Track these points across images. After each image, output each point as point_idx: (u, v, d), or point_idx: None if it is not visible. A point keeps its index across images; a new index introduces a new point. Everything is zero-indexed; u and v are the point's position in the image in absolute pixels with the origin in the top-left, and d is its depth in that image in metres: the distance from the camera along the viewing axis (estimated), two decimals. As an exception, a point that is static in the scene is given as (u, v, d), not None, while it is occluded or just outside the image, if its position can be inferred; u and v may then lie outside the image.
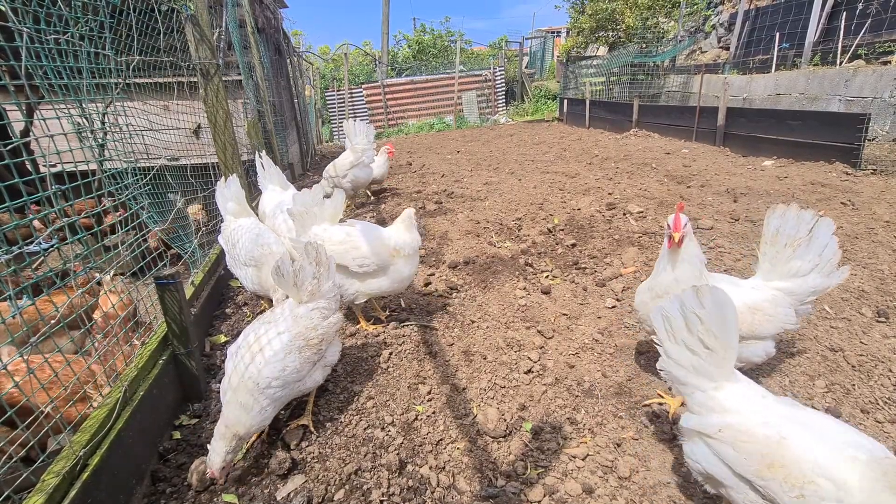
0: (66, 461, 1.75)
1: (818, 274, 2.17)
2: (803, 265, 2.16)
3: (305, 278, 2.38)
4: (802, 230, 2.14)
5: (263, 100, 6.82)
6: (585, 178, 7.18)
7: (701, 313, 1.64)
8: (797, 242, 2.14)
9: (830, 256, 2.13)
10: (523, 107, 20.63)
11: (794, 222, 2.15)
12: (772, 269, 2.24)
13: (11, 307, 1.75)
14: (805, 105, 9.48)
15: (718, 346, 1.63)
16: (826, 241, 2.13)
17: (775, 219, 2.21)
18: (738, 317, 1.66)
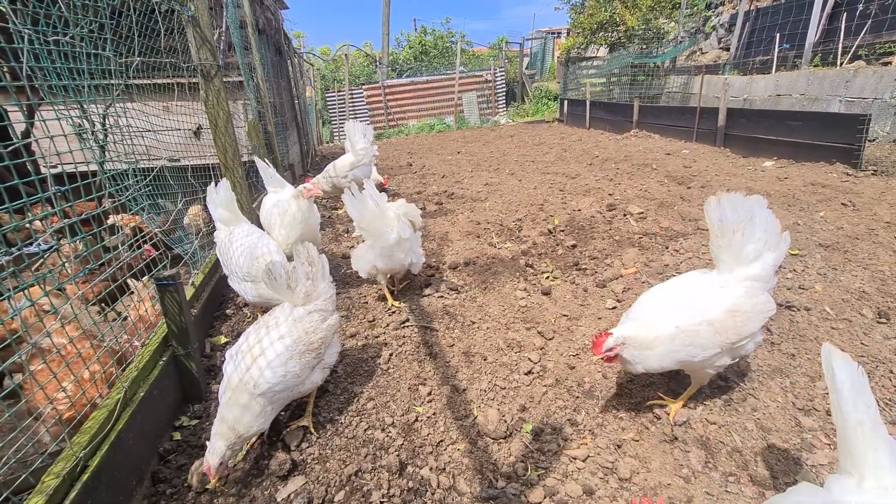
0: (66, 462, 1.75)
1: (771, 250, 2.15)
2: (757, 246, 2.12)
3: (299, 280, 2.37)
4: (742, 212, 2.10)
5: (264, 101, 6.83)
6: (586, 178, 7.18)
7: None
8: (743, 226, 2.10)
9: (773, 228, 2.12)
10: (524, 107, 20.64)
11: (731, 208, 2.12)
12: (733, 259, 2.18)
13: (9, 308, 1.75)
14: (805, 106, 9.48)
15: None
16: (765, 216, 2.11)
17: (714, 210, 2.16)
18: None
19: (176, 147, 4.23)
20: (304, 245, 2.43)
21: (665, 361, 2.17)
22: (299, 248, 2.43)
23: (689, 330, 2.10)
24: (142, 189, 3.00)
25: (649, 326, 2.16)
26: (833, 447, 2.20)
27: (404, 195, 7.33)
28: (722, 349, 2.12)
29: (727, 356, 2.18)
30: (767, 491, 2.01)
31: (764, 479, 2.06)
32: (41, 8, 2.16)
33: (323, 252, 2.66)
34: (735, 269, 2.16)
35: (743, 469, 2.12)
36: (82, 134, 2.44)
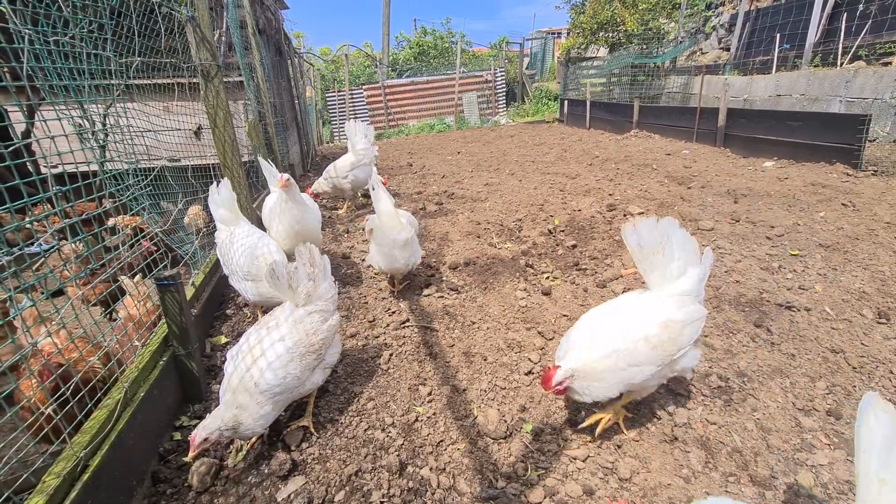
0: (66, 462, 1.75)
1: (693, 265, 2.20)
2: (679, 263, 2.18)
3: (300, 280, 2.38)
4: (658, 235, 2.14)
5: (264, 101, 6.83)
6: (586, 179, 7.18)
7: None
8: (662, 247, 2.15)
9: (691, 245, 2.18)
10: (524, 108, 20.64)
11: (647, 231, 2.15)
12: (660, 278, 2.21)
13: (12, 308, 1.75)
14: (806, 106, 9.48)
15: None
16: (680, 235, 2.16)
17: (632, 236, 2.18)
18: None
19: (176, 147, 4.23)
20: (307, 246, 2.44)
21: (612, 389, 2.15)
22: (301, 248, 2.43)
23: (627, 349, 2.10)
24: (142, 189, 3.00)
25: (592, 353, 2.15)
26: (833, 447, 2.20)
27: (405, 195, 7.34)
28: (661, 364, 2.12)
29: (667, 370, 2.19)
30: (767, 491, 2.01)
31: (764, 479, 2.06)
32: (41, 8, 2.16)
33: (324, 252, 2.66)
34: (665, 286, 2.21)
35: (743, 469, 2.13)
36: (83, 134, 2.44)
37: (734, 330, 3.10)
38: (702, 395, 2.56)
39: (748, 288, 3.55)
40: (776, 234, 4.41)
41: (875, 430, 1.21)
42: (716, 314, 3.28)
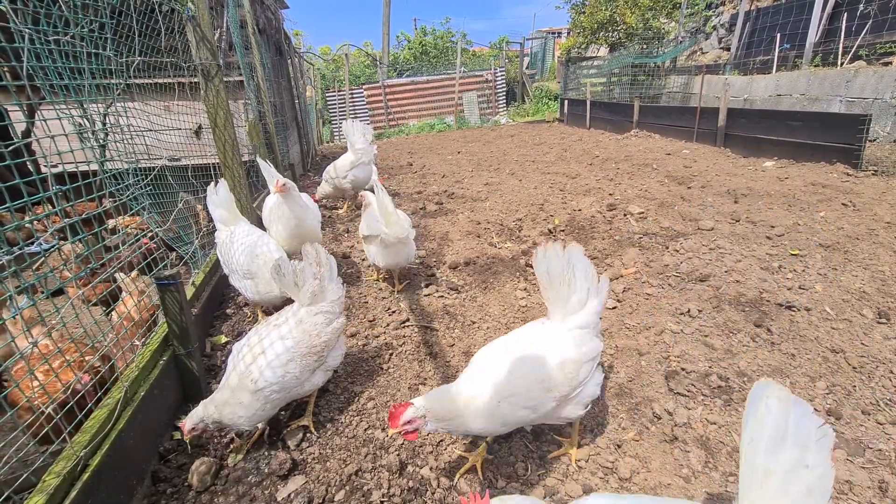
0: (66, 461, 1.75)
1: (594, 296, 2.15)
2: (581, 295, 2.11)
3: (306, 278, 2.38)
4: (564, 263, 2.08)
5: (264, 100, 6.83)
6: (586, 178, 7.18)
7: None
8: (567, 277, 2.08)
9: (593, 275, 2.13)
10: (524, 107, 20.63)
11: (556, 260, 2.08)
12: (562, 310, 2.13)
13: (12, 308, 1.75)
14: (806, 106, 9.48)
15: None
16: (584, 265, 2.11)
17: (541, 263, 2.12)
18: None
19: (177, 146, 4.23)
20: (314, 245, 2.44)
21: (491, 425, 1.96)
22: (308, 247, 2.43)
23: (520, 393, 1.93)
24: (142, 189, 3.00)
25: (470, 392, 1.96)
26: (833, 447, 2.19)
27: (405, 195, 7.33)
28: (557, 402, 2.00)
29: (568, 405, 2.07)
30: (767, 491, 2.01)
31: (764, 479, 2.06)
32: (42, 7, 2.16)
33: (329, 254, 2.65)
34: (566, 318, 2.13)
35: (743, 469, 2.12)
36: (83, 133, 2.44)
37: (734, 330, 3.10)
38: (702, 395, 2.56)
39: (748, 288, 3.55)
40: (776, 234, 4.41)
41: (765, 420, 1.17)
42: (716, 314, 3.28)
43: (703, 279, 3.73)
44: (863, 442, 2.21)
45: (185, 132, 4.41)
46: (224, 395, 2.14)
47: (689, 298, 3.50)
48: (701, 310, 3.33)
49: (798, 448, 1.12)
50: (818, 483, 1.09)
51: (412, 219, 5.97)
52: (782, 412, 1.15)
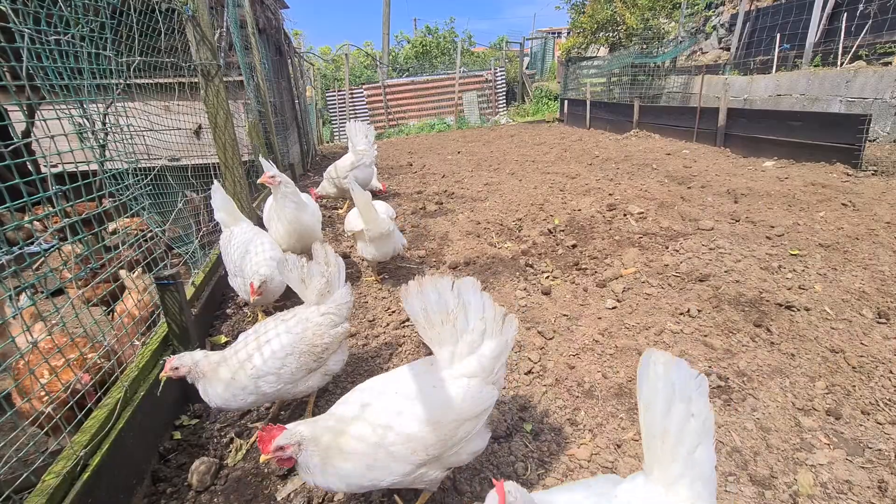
0: (66, 461, 1.75)
1: (491, 337, 1.79)
2: (474, 337, 1.76)
3: (313, 276, 2.38)
4: (450, 300, 1.75)
5: (264, 100, 6.83)
6: (586, 178, 7.18)
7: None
8: (452, 315, 1.75)
9: (492, 313, 1.79)
10: (524, 107, 20.63)
11: (435, 296, 1.75)
12: (448, 354, 1.79)
13: (11, 308, 1.75)
14: (806, 106, 9.48)
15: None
16: (480, 301, 1.78)
17: (415, 300, 1.77)
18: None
19: (177, 146, 4.23)
20: (323, 246, 2.45)
21: (353, 481, 1.67)
22: (317, 246, 2.44)
23: (381, 453, 1.64)
24: (142, 189, 3.00)
25: (344, 433, 1.68)
26: (832, 447, 2.20)
27: (405, 195, 7.34)
28: (426, 464, 1.69)
29: (436, 468, 1.74)
30: (767, 490, 2.01)
31: (763, 478, 2.06)
32: (42, 7, 2.16)
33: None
34: (453, 363, 1.78)
35: (742, 469, 2.13)
36: (83, 133, 2.44)
37: (734, 329, 3.10)
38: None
39: (748, 288, 3.55)
40: (776, 234, 4.41)
41: (656, 387, 1.27)
42: (715, 314, 3.28)
43: (703, 279, 3.73)
44: (862, 442, 2.21)
45: (185, 132, 4.41)
46: (224, 373, 2.15)
47: (688, 298, 3.51)
48: (701, 310, 3.33)
49: (684, 402, 1.24)
50: (703, 427, 1.22)
51: (412, 219, 5.98)
52: (667, 374, 1.27)
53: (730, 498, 1.99)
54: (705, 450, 1.22)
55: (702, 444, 1.22)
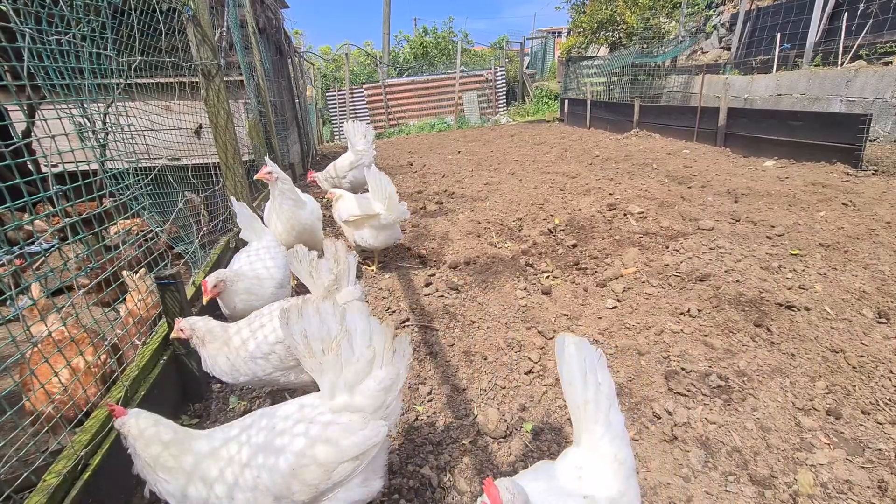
0: (67, 461, 1.75)
1: (380, 367, 1.62)
2: (359, 366, 1.59)
3: (321, 271, 2.39)
4: (333, 325, 1.58)
5: (264, 100, 6.83)
6: (586, 178, 7.18)
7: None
8: (335, 343, 1.57)
9: (382, 340, 1.62)
10: (524, 107, 20.63)
11: (317, 321, 1.57)
12: (329, 385, 1.61)
13: (12, 307, 1.75)
14: (806, 106, 9.48)
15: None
16: (367, 326, 1.61)
17: (294, 325, 1.58)
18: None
19: (177, 146, 4.23)
20: (335, 243, 2.45)
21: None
22: (328, 243, 2.45)
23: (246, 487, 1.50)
24: (142, 188, 3.00)
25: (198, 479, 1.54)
26: (833, 447, 2.20)
27: (405, 195, 7.33)
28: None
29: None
30: (767, 490, 2.01)
31: (763, 478, 2.06)
32: (43, 7, 2.16)
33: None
34: (335, 396, 1.60)
35: (742, 468, 2.13)
36: (83, 133, 2.44)
37: (734, 329, 3.10)
38: (702, 395, 2.57)
39: (748, 287, 3.55)
40: (776, 234, 4.41)
41: (572, 365, 1.45)
42: (716, 314, 3.28)
43: (703, 279, 3.73)
44: (862, 441, 2.21)
45: (185, 132, 4.41)
46: (235, 342, 2.26)
47: (689, 298, 3.51)
48: (701, 309, 3.33)
49: (593, 374, 1.44)
50: (610, 392, 1.45)
51: (412, 219, 5.98)
52: (579, 353, 1.46)
53: (730, 497, 1.99)
54: (615, 412, 1.45)
55: (612, 407, 1.44)
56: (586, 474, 1.40)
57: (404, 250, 4.95)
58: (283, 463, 1.51)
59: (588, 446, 1.44)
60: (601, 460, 1.41)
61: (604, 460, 1.41)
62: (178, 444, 1.58)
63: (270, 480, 1.49)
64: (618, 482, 1.38)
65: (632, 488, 1.39)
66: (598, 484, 1.38)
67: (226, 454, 1.56)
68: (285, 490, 1.50)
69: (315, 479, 1.51)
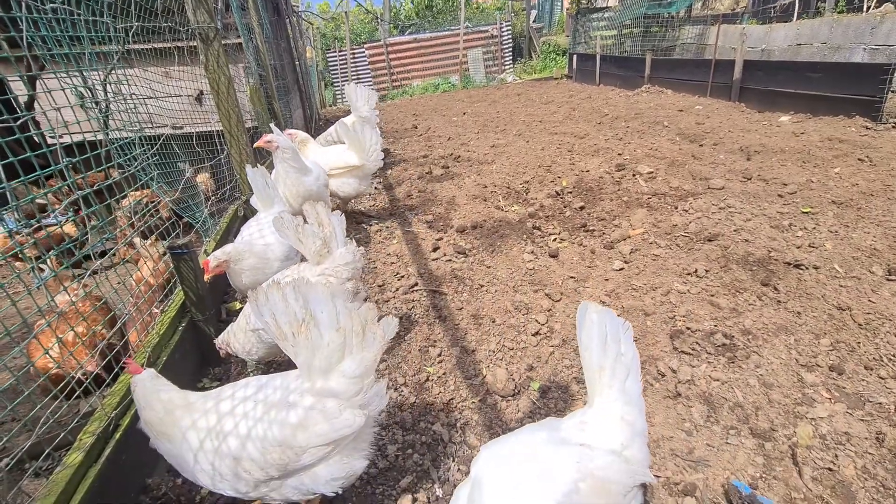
0: (99, 422, 1.86)
1: (352, 353, 1.57)
2: (330, 351, 1.54)
3: (308, 235, 2.41)
4: (296, 309, 1.52)
5: (264, 63, 6.66)
6: (595, 138, 7.03)
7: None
8: (301, 326, 1.53)
9: (350, 324, 1.55)
10: (531, 64, 19.91)
11: (283, 305, 1.53)
12: (307, 368, 1.59)
13: (35, 279, 1.81)
14: (826, 56, 9.05)
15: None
16: (332, 310, 1.54)
17: (264, 308, 1.55)
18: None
19: (179, 114, 4.19)
20: (312, 205, 2.44)
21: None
22: (307, 207, 2.45)
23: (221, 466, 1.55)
24: (149, 159, 3.00)
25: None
26: (833, 401, 2.26)
27: (410, 159, 7.26)
28: (254, 485, 1.57)
29: (285, 490, 1.61)
30: (767, 442, 2.09)
31: (764, 431, 2.13)
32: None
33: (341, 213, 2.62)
34: (312, 378, 1.59)
35: (744, 422, 2.20)
36: (85, 103, 2.42)
37: (741, 289, 3.11)
38: (706, 353, 2.62)
39: (757, 247, 3.53)
40: (788, 192, 4.34)
41: (592, 332, 1.47)
42: (723, 274, 3.29)
43: (712, 239, 3.71)
44: (863, 396, 2.26)
45: (186, 99, 4.35)
46: (241, 320, 2.40)
47: (696, 258, 3.51)
48: (708, 270, 3.34)
49: (615, 343, 1.47)
50: (632, 363, 1.47)
51: (418, 183, 5.95)
52: (601, 321, 1.47)
53: (730, 449, 2.07)
54: (633, 381, 1.48)
55: (630, 376, 1.47)
56: (589, 428, 1.45)
57: (411, 215, 4.96)
58: (258, 434, 1.55)
59: (598, 407, 1.48)
60: (608, 418, 1.45)
61: (611, 418, 1.45)
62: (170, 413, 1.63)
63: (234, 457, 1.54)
64: (621, 437, 1.41)
65: (637, 447, 1.42)
66: (598, 436, 1.42)
67: (204, 425, 1.59)
68: (253, 468, 1.53)
69: (274, 460, 1.53)
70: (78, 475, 1.68)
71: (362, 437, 1.67)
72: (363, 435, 1.67)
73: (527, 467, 1.33)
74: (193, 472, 1.58)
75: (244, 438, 1.55)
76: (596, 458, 1.35)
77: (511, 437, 1.54)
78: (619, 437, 1.41)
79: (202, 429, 1.58)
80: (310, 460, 1.55)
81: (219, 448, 1.55)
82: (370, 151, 4.56)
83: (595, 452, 1.37)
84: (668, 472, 2.00)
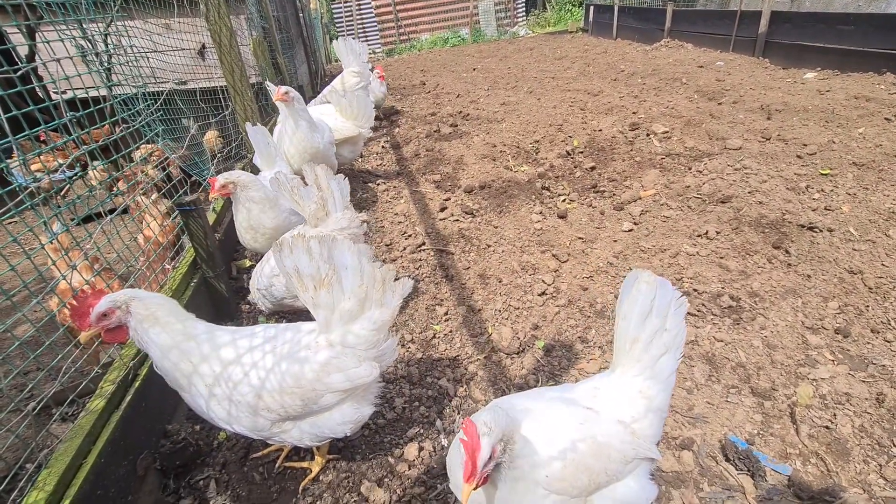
0: (119, 371, 1.94)
1: (376, 307, 1.65)
2: (351, 305, 1.61)
3: (304, 196, 2.41)
4: (321, 265, 1.57)
5: (267, 14, 6.42)
6: (609, 96, 6.79)
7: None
8: (327, 279, 1.57)
9: (372, 279, 1.62)
10: (545, 16, 18.99)
11: (306, 259, 1.57)
12: (325, 319, 1.64)
13: (48, 234, 1.84)
14: (861, 7, 8.50)
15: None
16: (357, 265, 1.60)
17: (287, 260, 1.59)
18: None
19: (182, 69, 4.09)
20: (312, 166, 2.41)
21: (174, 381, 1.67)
22: (306, 168, 2.41)
23: (238, 399, 1.62)
24: (153, 114, 2.96)
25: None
26: (836, 363, 2.27)
27: (418, 117, 7.10)
28: (270, 421, 1.66)
29: (301, 429, 1.71)
30: (766, 401, 2.13)
31: (764, 390, 2.17)
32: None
33: (345, 176, 2.59)
34: (330, 329, 1.66)
35: (745, 382, 2.23)
36: (86, 56, 2.37)
37: (751, 251, 3.08)
38: (711, 315, 2.63)
39: (771, 209, 3.46)
40: (808, 153, 4.20)
41: (637, 299, 1.42)
42: (734, 236, 3.25)
43: (725, 200, 3.64)
44: (867, 358, 2.28)
45: (188, 53, 4.24)
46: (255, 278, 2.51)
47: (707, 220, 3.46)
48: (719, 231, 3.30)
49: (659, 318, 1.41)
50: (674, 340, 1.42)
51: (426, 142, 5.84)
52: (650, 292, 1.41)
53: (729, 407, 2.12)
54: (669, 359, 1.43)
55: (668, 354, 1.42)
56: (602, 395, 1.44)
57: (419, 175, 4.91)
58: (275, 376, 1.61)
59: (618, 376, 1.46)
60: (624, 390, 1.43)
61: (627, 390, 1.43)
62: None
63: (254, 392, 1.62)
64: (633, 411, 1.40)
65: (648, 423, 1.40)
66: (609, 404, 1.42)
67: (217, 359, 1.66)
68: (268, 408, 1.61)
69: (288, 403, 1.61)
70: (101, 420, 1.76)
71: (371, 388, 1.80)
72: (372, 387, 1.79)
73: (530, 420, 1.37)
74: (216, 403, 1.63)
75: (269, 374, 1.62)
76: (601, 423, 1.37)
77: (521, 394, 1.57)
78: (630, 409, 1.41)
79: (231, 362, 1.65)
80: (327, 403, 1.65)
81: (247, 378, 1.61)
82: (361, 118, 4.51)
83: (601, 417, 1.39)
84: (667, 428, 2.06)
